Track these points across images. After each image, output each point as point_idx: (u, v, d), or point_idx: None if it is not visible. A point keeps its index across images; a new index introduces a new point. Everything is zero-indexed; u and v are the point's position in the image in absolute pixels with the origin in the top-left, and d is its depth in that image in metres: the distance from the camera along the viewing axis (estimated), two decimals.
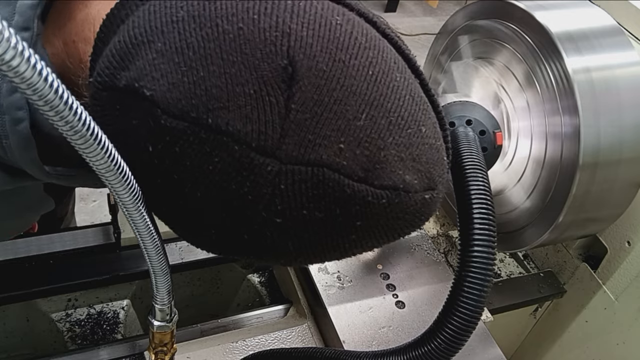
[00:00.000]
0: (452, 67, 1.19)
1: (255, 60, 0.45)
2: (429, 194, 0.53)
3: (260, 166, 0.45)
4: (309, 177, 0.46)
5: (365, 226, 0.51)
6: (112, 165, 0.45)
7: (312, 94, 0.45)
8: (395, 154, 0.49)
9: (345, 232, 0.51)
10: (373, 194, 0.48)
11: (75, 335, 1.08)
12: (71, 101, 0.39)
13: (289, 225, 0.48)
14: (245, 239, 0.50)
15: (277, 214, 0.47)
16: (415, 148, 0.50)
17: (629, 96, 0.94)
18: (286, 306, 1.13)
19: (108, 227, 1.16)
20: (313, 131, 0.45)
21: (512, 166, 1.06)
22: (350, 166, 0.47)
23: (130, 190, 0.49)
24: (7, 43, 0.33)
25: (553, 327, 1.37)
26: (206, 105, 0.44)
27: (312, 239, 0.50)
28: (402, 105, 0.50)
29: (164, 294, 0.63)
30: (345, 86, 0.46)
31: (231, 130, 0.44)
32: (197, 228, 0.52)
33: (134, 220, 0.52)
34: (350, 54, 0.47)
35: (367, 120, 0.47)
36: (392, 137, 0.48)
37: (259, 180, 0.46)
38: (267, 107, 0.45)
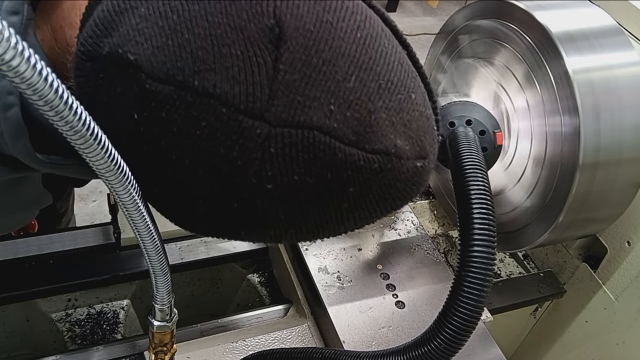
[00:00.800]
0: (452, 67, 1.19)
1: (242, 21, 0.44)
2: (420, 162, 0.52)
3: (249, 129, 0.44)
4: (299, 140, 0.45)
5: (357, 193, 0.50)
6: (112, 165, 0.45)
7: (300, 55, 0.45)
8: (386, 118, 0.48)
9: (338, 200, 0.50)
10: (365, 159, 0.48)
11: (75, 335, 1.08)
12: (71, 101, 0.39)
13: (280, 192, 0.47)
14: (235, 209, 0.49)
15: (268, 180, 0.47)
16: (406, 113, 0.50)
17: (629, 96, 0.94)
18: (286, 306, 1.13)
19: (108, 227, 1.16)
20: (302, 92, 0.45)
21: (512, 166, 1.06)
22: (341, 129, 0.46)
23: (130, 190, 0.49)
24: (7, 43, 0.33)
25: (553, 327, 1.37)
26: (192, 67, 0.44)
27: (303, 207, 0.49)
28: (391, 70, 0.50)
29: (163, 294, 0.63)
30: (334, 48, 0.46)
31: (218, 92, 0.44)
32: (186, 201, 0.51)
33: (134, 220, 0.52)
34: (337, 16, 0.47)
35: (357, 82, 0.47)
36: (382, 101, 0.48)
37: (248, 144, 0.45)
38: (255, 68, 0.44)
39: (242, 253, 1.23)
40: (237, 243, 1.24)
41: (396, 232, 1.18)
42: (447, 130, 0.94)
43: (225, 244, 1.22)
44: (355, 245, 1.12)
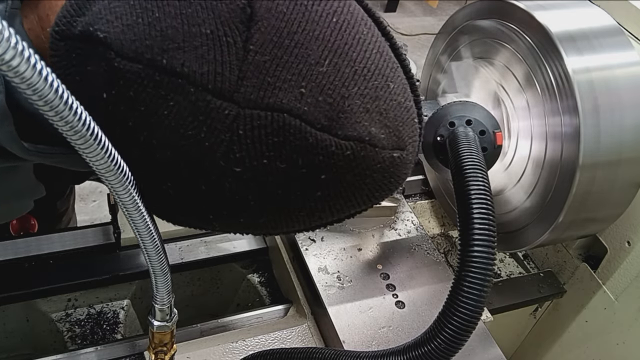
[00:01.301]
0: (452, 67, 1.19)
1: (213, 1, 0.44)
2: (397, 153, 0.52)
3: (218, 110, 0.44)
4: (268, 122, 0.45)
5: (330, 181, 0.49)
6: (112, 165, 0.45)
7: (271, 36, 0.44)
8: (361, 105, 0.48)
9: (310, 187, 0.49)
10: (337, 144, 0.47)
11: (75, 335, 1.08)
12: (71, 101, 0.39)
13: (249, 176, 0.47)
14: (203, 192, 0.48)
15: (236, 162, 0.46)
16: (383, 102, 0.49)
17: (629, 96, 0.94)
18: (286, 306, 1.13)
19: (108, 227, 1.16)
20: (272, 74, 0.44)
21: (512, 166, 1.06)
22: (312, 113, 0.45)
23: (130, 190, 0.49)
24: (7, 43, 0.33)
25: (553, 327, 1.37)
26: (161, 46, 0.43)
27: (274, 193, 0.49)
28: (369, 57, 0.49)
29: (163, 294, 0.63)
30: (307, 30, 0.46)
31: (186, 71, 0.43)
32: (155, 184, 0.50)
33: (133, 220, 0.52)
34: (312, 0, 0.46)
35: (330, 67, 0.46)
36: (357, 87, 0.47)
37: (217, 125, 0.45)
38: (225, 48, 0.44)
39: (242, 253, 1.23)
40: (237, 243, 1.24)
41: (396, 232, 1.18)
42: (447, 130, 0.94)
43: (225, 244, 1.22)
44: (355, 245, 1.12)
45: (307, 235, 1.12)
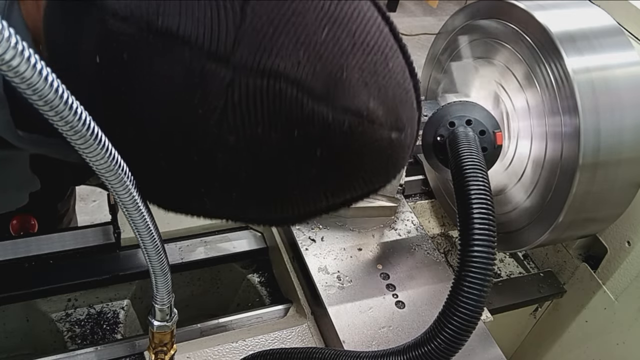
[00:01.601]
0: (452, 67, 1.19)
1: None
2: (395, 134, 0.51)
3: (213, 74, 0.43)
4: (264, 88, 0.44)
5: (326, 158, 0.48)
6: (113, 165, 0.45)
7: (269, 1, 0.44)
8: (359, 77, 0.47)
9: (305, 162, 0.48)
10: (334, 116, 0.46)
11: (75, 335, 1.08)
12: (71, 101, 0.39)
13: (242, 145, 0.46)
14: (194, 163, 0.47)
15: (230, 130, 0.45)
16: (382, 78, 0.49)
17: (629, 96, 0.94)
18: (286, 306, 1.13)
19: (108, 227, 1.16)
20: (270, 39, 0.44)
21: (512, 166, 1.06)
22: (310, 81, 0.45)
23: (130, 189, 0.49)
24: (7, 43, 0.33)
25: (553, 327, 1.37)
26: (156, 7, 0.43)
27: (268, 166, 0.48)
28: (368, 32, 0.48)
29: (163, 294, 0.63)
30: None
31: (182, 34, 0.43)
32: (147, 155, 0.49)
33: (134, 220, 0.52)
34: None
35: (329, 36, 0.45)
36: (355, 60, 0.47)
37: (211, 90, 0.44)
38: (222, 11, 0.43)
39: (242, 253, 1.23)
40: (237, 243, 1.24)
41: (396, 232, 1.18)
42: (447, 130, 0.94)
43: (225, 244, 1.22)
44: (355, 245, 1.13)
45: (307, 235, 1.12)
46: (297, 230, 1.12)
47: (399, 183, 1.18)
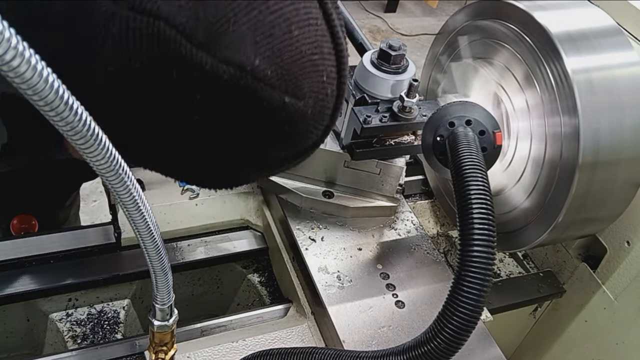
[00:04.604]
0: (452, 67, 1.19)
1: None
2: (290, 99, 0.52)
3: (96, 5, 0.46)
4: (143, 26, 0.46)
5: (207, 105, 0.49)
6: (113, 165, 0.45)
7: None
8: (249, 34, 0.48)
9: (186, 106, 0.49)
10: (213, 64, 0.47)
11: (75, 335, 1.09)
12: (71, 101, 0.39)
13: (120, 75, 0.47)
14: (80, 92, 0.49)
15: (108, 61, 0.47)
16: (278, 42, 0.49)
17: (628, 96, 0.94)
18: (286, 306, 1.13)
19: (108, 227, 1.16)
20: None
21: (511, 166, 1.07)
22: (190, 27, 0.46)
23: (131, 189, 0.49)
24: (8, 43, 0.33)
25: (553, 327, 1.38)
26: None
27: (150, 104, 0.49)
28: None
29: (164, 294, 0.63)
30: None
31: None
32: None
33: (134, 220, 0.52)
34: None
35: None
36: (247, 17, 0.48)
37: (93, 21, 0.46)
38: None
39: (242, 253, 1.24)
40: (237, 243, 1.24)
41: (396, 232, 1.18)
42: (447, 130, 0.94)
43: (225, 244, 1.22)
44: (355, 245, 1.13)
45: (307, 235, 1.12)
46: (297, 230, 1.13)
47: (398, 183, 1.18)
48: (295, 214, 1.16)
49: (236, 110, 0.51)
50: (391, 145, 1.08)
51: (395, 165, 1.14)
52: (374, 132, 1.04)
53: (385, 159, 1.13)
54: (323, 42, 0.54)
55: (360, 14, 4.57)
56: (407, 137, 1.09)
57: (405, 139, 1.09)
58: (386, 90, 1.04)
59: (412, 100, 1.01)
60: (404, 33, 4.49)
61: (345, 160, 1.13)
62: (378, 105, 1.04)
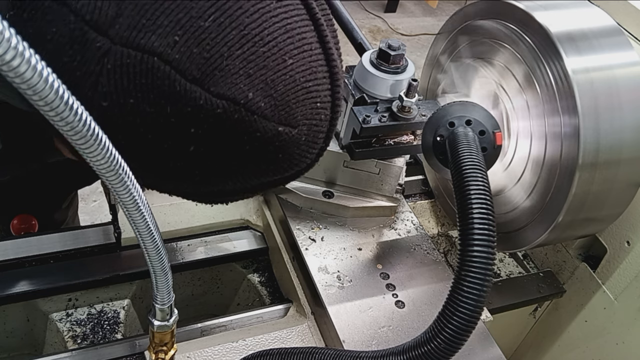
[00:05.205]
0: (452, 67, 1.19)
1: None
2: (284, 128, 0.52)
3: (91, 41, 0.46)
4: (137, 62, 0.46)
5: (202, 136, 0.50)
6: (113, 165, 0.45)
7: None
8: (242, 68, 0.48)
9: (182, 138, 0.50)
10: (207, 99, 0.48)
11: (75, 335, 1.09)
12: (71, 101, 0.39)
13: (115, 112, 0.48)
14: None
15: (104, 96, 0.48)
16: (272, 73, 0.50)
17: (628, 96, 0.94)
18: (286, 306, 1.13)
19: (108, 227, 1.16)
20: (149, 17, 0.46)
21: (511, 166, 1.07)
22: (184, 62, 0.47)
23: (131, 189, 0.49)
24: (8, 43, 0.33)
25: (553, 327, 1.38)
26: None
27: (144, 136, 0.50)
28: (266, 27, 0.50)
29: (164, 294, 0.63)
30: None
31: (69, 1, 0.46)
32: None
33: (134, 220, 0.52)
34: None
35: (215, 24, 0.47)
36: (241, 50, 0.48)
37: (88, 56, 0.47)
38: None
39: (242, 253, 1.24)
40: (237, 243, 1.24)
41: (396, 232, 1.18)
42: (447, 130, 0.94)
43: (225, 244, 1.22)
44: (355, 245, 1.13)
45: (307, 235, 1.12)
46: (297, 230, 1.13)
47: (397, 183, 1.18)
48: (295, 214, 1.16)
49: (230, 141, 0.51)
50: (390, 145, 1.08)
51: (394, 165, 1.14)
52: (373, 132, 1.04)
53: (384, 158, 1.13)
54: (317, 66, 0.54)
55: (360, 14, 4.57)
56: (406, 137, 1.09)
57: (405, 138, 1.09)
58: (385, 90, 1.04)
59: (412, 100, 1.01)
60: (404, 33, 4.49)
61: (344, 160, 1.13)
62: (377, 105, 1.04)
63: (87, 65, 0.47)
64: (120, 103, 0.48)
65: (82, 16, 0.46)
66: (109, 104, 0.48)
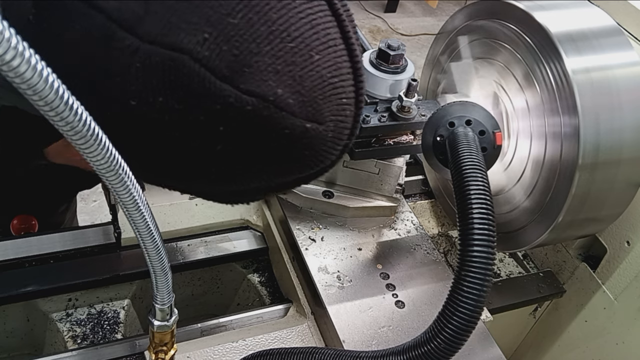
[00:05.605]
0: (452, 67, 1.19)
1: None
2: (311, 125, 0.52)
3: (120, 40, 0.46)
4: (166, 60, 0.46)
5: (230, 134, 0.49)
6: (113, 165, 0.45)
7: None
8: (271, 64, 0.48)
9: (210, 137, 0.49)
10: (237, 97, 0.47)
11: (75, 335, 1.09)
12: (71, 101, 0.39)
13: (145, 110, 0.48)
14: (103, 124, 0.49)
15: (132, 95, 0.47)
16: (299, 69, 0.49)
17: (628, 96, 0.94)
18: (286, 306, 1.13)
19: (108, 227, 1.16)
20: (178, 15, 0.45)
21: (511, 166, 1.07)
22: (213, 60, 0.46)
23: (131, 189, 0.49)
24: (8, 43, 0.33)
25: (553, 327, 1.38)
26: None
27: (173, 135, 0.49)
28: (293, 23, 0.49)
29: (164, 294, 0.63)
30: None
31: (96, 0, 0.46)
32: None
33: (134, 220, 0.52)
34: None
35: (243, 20, 0.47)
36: (270, 47, 0.48)
37: (116, 54, 0.46)
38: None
39: (242, 253, 1.24)
40: (237, 243, 1.24)
41: (396, 232, 1.18)
42: (447, 130, 0.94)
43: (225, 244, 1.22)
44: (355, 245, 1.13)
45: (307, 235, 1.12)
46: (297, 230, 1.13)
47: (397, 182, 1.18)
48: (295, 214, 1.16)
49: (258, 138, 0.51)
50: (390, 145, 1.08)
51: (394, 165, 1.14)
52: (373, 132, 1.04)
53: (384, 158, 1.13)
54: (342, 62, 0.54)
55: (360, 14, 4.57)
56: (405, 136, 1.09)
57: (404, 138, 1.09)
58: (385, 90, 1.04)
59: (411, 100, 1.01)
60: (403, 33, 4.49)
61: (344, 160, 1.13)
62: (377, 105, 1.04)
63: (115, 64, 0.46)
64: (149, 101, 0.47)
65: (109, 15, 0.45)
66: (137, 103, 0.47)
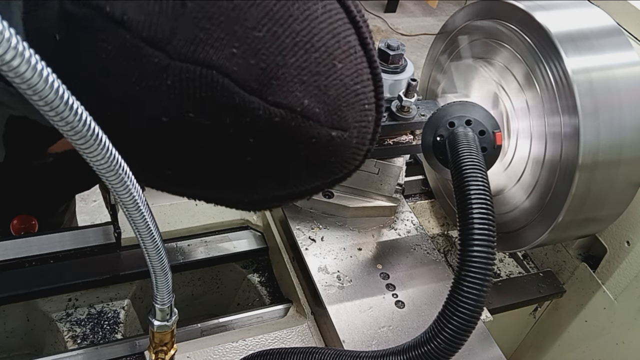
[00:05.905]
0: (452, 67, 1.19)
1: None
2: (337, 132, 0.53)
3: (149, 57, 0.46)
4: (196, 76, 0.46)
5: (260, 146, 0.50)
6: (113, 165, 0.45)
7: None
8: (297, 76, 0.49)
9: (239, 149, 0.50)
10: (265, 109, 0.48)
11: (75, 335, 1.09)
12: (71, 101, 0.39)
13: (175, 127, 0.48)
14: (130, 141, 0.49)
15: (163, 112, 0.48)
16: (324, 78, 0.50)
17: (628, 96, 0.94)
18: (286, 306, 1.13)
19: (108, 227, 1.16)
20: (206, 31, 0.46)
21: (511, 166, 1.07)
22: (242, 74, 0.47)
23: (131, 189, 0.49)
24: (8, 43, 0.33)
25: (553, 327, 1.38)
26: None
27: (203, 149, 0.50)
28: (316, 34, 0.50)
29: (164, 294, 0.63)
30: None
31: (125, 19, 0.46)
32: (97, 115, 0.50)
33: (134, 220, 0.52)
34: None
35: (269, 34, 0.47)
36: (295, 58, 0.48)
37: (146, 72, 0.46)
38: (163, 1, 0.46)
39: (242, 253, 1.24)
40: (237, 243, 1.24)
41: (396, 232, 1.18)
42: (447, 131, 0.94)
43: (225, 244, 1.22)
44: (355, 245, 1.13)
45: (307, 235, 1.12)
46: (297, 230, 1.13)
47: (397, 182, 1.18)
48: (295, 214, 1.16)
49: (286, 148, 0.52)
50: (390, 144, 1.08)
51: (394, 165, 1.14)
52: None
53: (383, 158, 1.13)
54: (362, 69, 0.55)
55: None
56: (405, 136, 1.09)
57: (404, 138, 1.09)
58: (384, 89, 1.04)
59: (411, 99, 1.01)
60: (403, 33, 4.49)
61: None
62: None
63: (145, 82, 0.47)
64: (180, 117, 0.48)
65: (138, 33, 0.46)
66: (168, 119, 0.48)
